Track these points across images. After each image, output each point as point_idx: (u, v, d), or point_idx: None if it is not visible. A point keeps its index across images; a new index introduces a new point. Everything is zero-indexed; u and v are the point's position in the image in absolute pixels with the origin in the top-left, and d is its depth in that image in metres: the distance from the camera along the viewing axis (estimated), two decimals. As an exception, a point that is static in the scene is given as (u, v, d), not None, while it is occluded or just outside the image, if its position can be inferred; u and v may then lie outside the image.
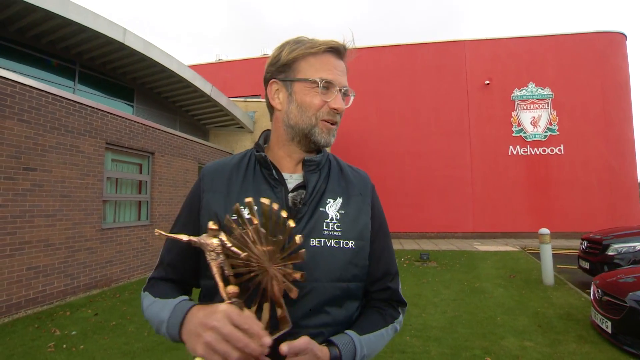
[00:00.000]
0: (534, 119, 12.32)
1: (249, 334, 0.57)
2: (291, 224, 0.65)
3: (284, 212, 0.65)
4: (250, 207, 0.67)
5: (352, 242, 0.77)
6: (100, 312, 4.34)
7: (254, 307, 0.67)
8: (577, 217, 11.66)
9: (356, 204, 0.82)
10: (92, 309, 4.46)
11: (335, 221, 0.77)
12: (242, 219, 0.68)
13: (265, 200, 0.66)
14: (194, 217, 0.80)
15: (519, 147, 12.33)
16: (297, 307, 0.71)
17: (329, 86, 0.77)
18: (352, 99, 0.84)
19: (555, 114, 12.23)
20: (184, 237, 0.69)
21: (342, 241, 0.76)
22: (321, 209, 0.77)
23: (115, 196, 6.14)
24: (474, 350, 3.23)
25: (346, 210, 0.80)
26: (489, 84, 12.55)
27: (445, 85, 12.80)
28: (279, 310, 0.68)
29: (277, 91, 0.82)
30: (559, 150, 12.10)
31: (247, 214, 0.69)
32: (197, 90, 8.40)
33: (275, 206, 0.66)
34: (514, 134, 12.39)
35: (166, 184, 7.33)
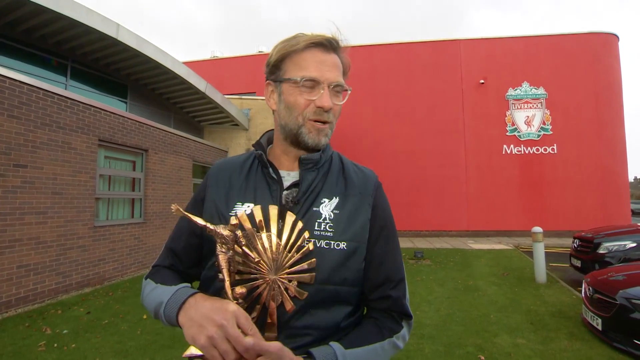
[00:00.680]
0: (528, 118, 12.42)
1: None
2: (310, 246, 0.69)
3: (307, 233, 0.70)
4: (272, 214, 0.68)
5: (344, 243, 0.73)
6: (92, 311, 4.30)
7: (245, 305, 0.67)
8: (569, 215, 11.79)
9: (353, 204, 0.78)
10: (85, 307, 4.41)
11: (328, 221, 0.74)
12: (261, 223, 0.69)
13: (291, 214, 0.68)
14: (198, 209, 0.82)
15: (512, 146, 12.42)
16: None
17: (313, 84, 0.74)
18: (348, 94, 0.81)
19: (548, 114, 12.34)
20: (201, 221, 0.68)
21: (333, 242, 0.73)
22: (314, 208, 0.75)
23: (108, 193, 6.08)
24: (468, 347, 3.25)
25: (341, 210, 0.76)
26: (483, 83, 12.62)
27: (440, 84, 12.84)
28: (269, 318, 0.68)
29: (272, 92, 0.82)
30: (552, 149, 12.22)
31: (271, 222, 0.71)
32: (191, 87, 8.33)
33: (299, 225, 0.69)
34: (508, 133, 12.48)
35: (160, 181, 7.26)
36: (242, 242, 0.67)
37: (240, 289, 0.64)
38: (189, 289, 0.71)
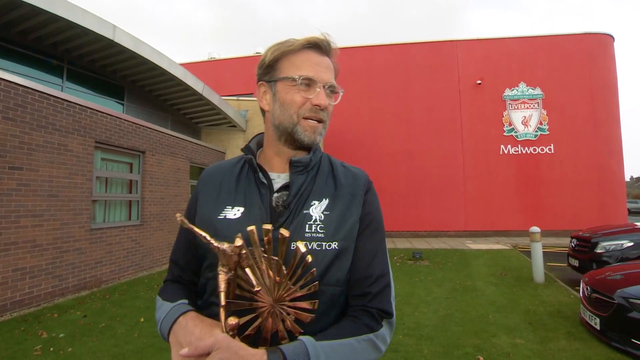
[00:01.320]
0: (525, 118, 12.47)
1: None
2: (317, 286, 0.68)
3: (315, 270, 0.68)
4: (282, 240, 0.66)
5: (335, 244, 0.73)
6: (89, 314, 4.26)
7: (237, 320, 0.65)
8: (567, 215, 11.84)
9: (344, 205, 0.78)
10: (81, 311, 4.38)
11: (319, 222, 0.74)
12: (264, 248, 0.67)
13: (301, 245, 0.66)
14: (192, 217, 0.83)
15: (510, 146, 12.46)
16: None
17: (310, 83, 0.76)
18: (340, 95, 0.82)
19: (545, 114, 12.39)
20: (207, 237, 0.65)
21: (324, 243, 0.72)
22: (304, 211, 0.75)
23: (105, 196, 6.04)
24: (466, 348, 3.25)
25: (332, 211, 0.76)
26: (480, 84, 12.66)
27: (437, 84, 12.87)
28: (264, 333, 0.68)
29: (265, 93, 0.83)
30: (549, 149, 12.27)
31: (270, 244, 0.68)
32: (188, 88, 8.30)
33: (309, 259, 0.67)
34: (505, 134, 12.52)
35: (157, 183, 7.23)
36: (245, 264, 0.65)
37: (233, 320, 0.62)
38: (183, 307, 0.72)
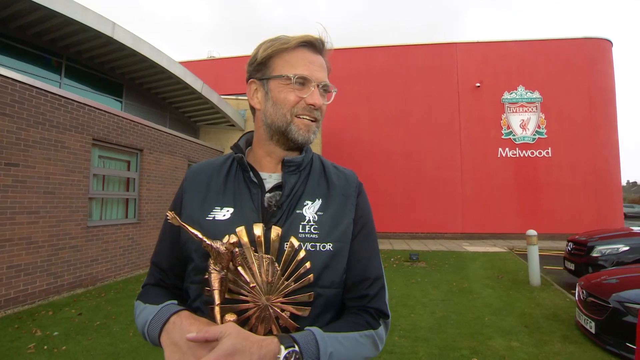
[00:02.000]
0: (523, 122, 12.51)
1: None
2: (311, 278, 0.68)
3: (309, 264, 0.68)
4: (275, 238, 0.66)
5: (330, 244, 0.73)
6: (84, 312, 4.24)
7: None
8: (563, 219, 11.89)
9: (337, 205, 0.77)
10: (76, 309, 4.35)
11: (312, 223, 0.73)
12: (255, 245, 0.67)
13: (295, 240, 0.67)
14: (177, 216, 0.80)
15: (508, 149, 12.51)
16: None
17: (305, 81, 0.75)
18: (334, 95, 0.82)
19: (543, 118, 12.44)
20: (199, 235, 0.65)
21: (318, 244, 0.72)
22: (297, 211, 0.74)
23: (101, 193, 6.02)
24: (462, 350, 3.25)
25: (325, 212, 0.76)
26: (479, 87, 12.70)
27: (436, 86, 12.90)
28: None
29: (256, 91, 0.81)
30: (547, 153, 12.32)
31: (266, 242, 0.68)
32: (187, 87, 8.28)
33: (302, 254, 0.67)
34: (503, 137, 12.56)
35: (155, 181, 7.21)
36: (237, 262, 0.65)
37: (231, 317, 0.61)
38: (173, 307, 0.69)
